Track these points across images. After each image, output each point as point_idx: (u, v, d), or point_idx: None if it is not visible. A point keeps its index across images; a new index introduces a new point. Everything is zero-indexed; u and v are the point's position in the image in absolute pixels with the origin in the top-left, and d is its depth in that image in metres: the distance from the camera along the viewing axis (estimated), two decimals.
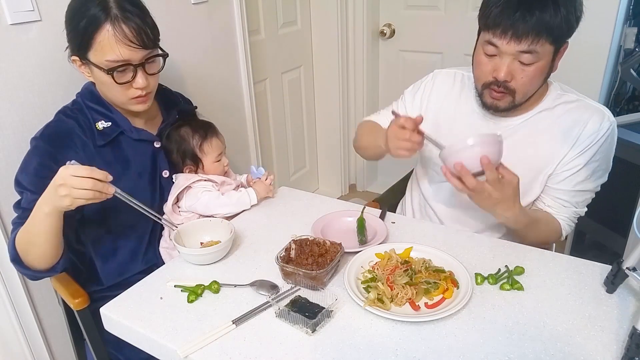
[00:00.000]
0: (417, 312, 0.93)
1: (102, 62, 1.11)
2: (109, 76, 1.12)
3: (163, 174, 1.32)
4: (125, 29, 1.08)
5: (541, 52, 1.06)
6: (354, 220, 1.25)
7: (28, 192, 1.14)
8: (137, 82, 1.15)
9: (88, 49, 1.11)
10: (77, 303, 1.17)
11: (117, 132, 1.23)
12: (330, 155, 3.09)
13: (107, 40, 1.08)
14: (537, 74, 1.10)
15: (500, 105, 1.17)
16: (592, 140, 1.16)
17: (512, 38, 1.05)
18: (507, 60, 1.09)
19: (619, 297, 0.95)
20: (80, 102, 1.24)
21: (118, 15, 1.08)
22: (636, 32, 2.19)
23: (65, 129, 1.19)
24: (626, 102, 2.41)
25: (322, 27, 2.74)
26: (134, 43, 1.10)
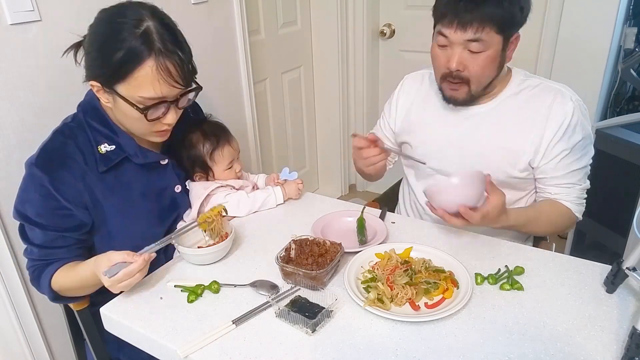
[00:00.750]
0: (417, 312, 0.93)
1: (134, 97, 1.01)
2: (141, 114, 1.03)
3: (175, 189, 1.25)
4: (169, 65, 0.99)
5: (488, 41, 1.10)
6: (354, 220, 1.25)
7: (37, 228, 1.07)
8: (167, 119, 1.08)
9: (119, 82, 1.01)
10: (77, 303, 1.17)
11: (121, 157, 1.13)
12: (330, 155, 3.09)
13: (146, 77, 0.98)
14: (488, 62, 1.14)
15: (458, 96, 1.20)
16: (564, 124, 1.18)
17: (458, 27, 1.09)
18: (457, 49, 1.13)
19: (619, 297, 0.95)
20: (82, 120, 1.12)
21: (161, 49, 0.98)
22: (636, 32, 2.19)
23: (63, 153, 1.08)
24: (626, 102, 2.41)
25: (322, 27, 2.74)
26: (176, 82, 1.02)
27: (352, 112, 3.00)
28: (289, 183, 1.38)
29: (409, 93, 1.41)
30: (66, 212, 1.08)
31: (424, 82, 1.39)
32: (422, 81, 1.40)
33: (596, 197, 1.28)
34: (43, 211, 1.07)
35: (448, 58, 1.15)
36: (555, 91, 1.21)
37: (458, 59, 1.13)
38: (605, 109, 2.33)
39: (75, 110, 1.18)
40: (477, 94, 1.20)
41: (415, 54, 2.74)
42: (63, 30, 1.37)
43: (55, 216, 1.07)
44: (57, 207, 1.07)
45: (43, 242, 1.08)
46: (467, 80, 1.16)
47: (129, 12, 1.00)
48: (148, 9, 1.03)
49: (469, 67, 1.14)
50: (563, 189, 1.25)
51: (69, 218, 1.08)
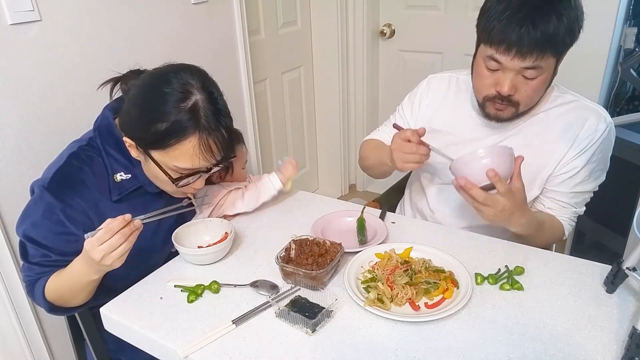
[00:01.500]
0: (417, 312, 0.93)
1: (168, 165, 1.00)
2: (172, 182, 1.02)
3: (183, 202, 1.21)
4: (211, 143, 0.98)
5: (545, 67, 1.05)
6: (354, 220, 1.25)
7: (41, 248, 1.04)
8: (196, 184, 1.07)
9: (155, 148, 0.99)
10: None
11: (136, 186, 1.11)
12: (330, 155, 3.09)
13: (187, 152, 0.97)
14: (540, 86, 1.10)
15: (503, 116, 1.16)
16: (589, 142, 1.16)
17: (517, 55, 1.02)
18: (510, 75, 1.07)
19: (619, 297, 0.95)
20: (99, 146, 1.08)
21: (206, 127, 0.97)
22: (636, 32, 2.19)
23: (76, 180, 1.05)
24: (626, 102, 2.41)
25: (322, 27, 2.75)
26: (214, 158, 1.01)
27: (352, 112, 3.00)
28: (284, 164, 1.35)
29: (436, 96, 1.35)
30: (73, 238, 1.05)
31: (451, 87, 1.33)
32: (448, 86, 1.34)
33: (596, 197, 1.28)
34: (50, 235, 1.04)
35: (498, 81, 1.09)
36: (591, 110, 1.18)
37: (510, 84, 1.07)
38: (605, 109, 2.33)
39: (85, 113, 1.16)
40: (522, 112, 1.16)
41: (415, 54, 2.74)
42: (63, 30, 1.37)
43: (61, 241, 1.05)
44: (64, 233, 1.04)
45: (44, 262, 1.06)
46: (516, 103, 1.11)
47: (177, 81, 0.97)
48: (197, 79, 0.99)
49: (520, 91, 1.09)
50: (559, 206, 1.24)
51: (74, 243, 1.04)
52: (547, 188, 1.23)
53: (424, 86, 1.39)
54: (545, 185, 1.23)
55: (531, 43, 1.00)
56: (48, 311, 1.09)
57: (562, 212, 1.24)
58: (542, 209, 1.26)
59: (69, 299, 1.07)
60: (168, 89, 0.96)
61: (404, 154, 1.12)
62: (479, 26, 1.11)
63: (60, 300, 1.06)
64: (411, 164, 1.14)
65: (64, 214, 1.03)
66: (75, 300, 1.07)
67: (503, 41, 1.02)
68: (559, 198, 1.23)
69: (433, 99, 1.36)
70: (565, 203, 1.23)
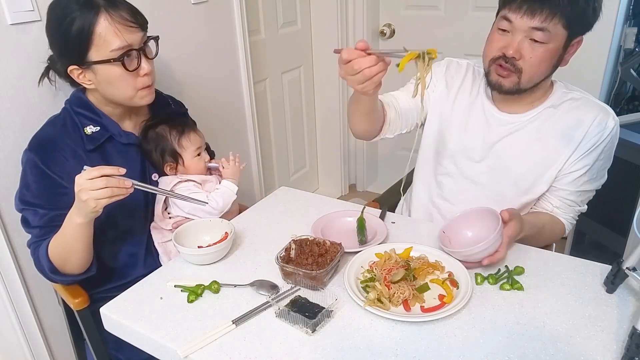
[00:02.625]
0: (417, 312, 0.93)
1: (107, 55, 1.10)
2: (119, 65, 1.11)
3: (152, 177, 1.32)
4: (121, 12, 1.09)
5: (553, 33, 1.06)
6: (354, 220, 1.25)
7: (37, 208, 1.14)
8: (143, 68, 1.15)
9: (88, 50, 1.10)
10: (77, 303, 1.17)
11: (106, 137, 1.22)
12: (330, 155, 3.09)
13: (107, 30, 1.08)
14: (546, 57, 1.10)
15: (504, 84, 1.15)
16: (597, 140, 1.17)
17: (527, 12, 1.05)
18: (518, 37, 1.09)
19: (619, 297, 0.95)
20: (68, 109, 1.22)
21: (106, 4, 1.08)
22: (636, 32, 2.19)
23: (52, 137, 1.18)
24: (626, 102, 2.41)
25: (322, 27, 2.74)
26: (133, 24, 1.10)
27: None
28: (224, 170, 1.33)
29: (453, 79, 1.33)
30: (62, 191, 1.15)
31: (467, 75, 1.32)
32: (465, 74, 1.33)
33: (596, 197, 1.28)
34: (40, 192, 1.14)
35: (507, 43, 1.11)
36: (599, 108, 1.18)
37: (517, 46, 1.09)
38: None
39: None
40: (525, 87, 1.14)
41: None
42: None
43: (52, 195, 1.14)
44: (52, 186, 1.14)
45: (43, 222, 1.14)
46: (519, 70, 1.11)
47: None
48: None
49: (525, 57, 1.10)
50: (566, 204, 1.24)
51: (64, 196, 1.13)
52: (556, 187, 1.23)
53: (443, 67, 1.37)
54: (554, 184, 1.23)
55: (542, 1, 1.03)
56: (50, 273, 1.15)
57: (567, 211, 1.25)
58: (548, 208, 1.26)
59: (65, 256, 1.13)
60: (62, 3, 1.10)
61: (351, 77, 0.98)
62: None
63: (60, 259, 1.13)
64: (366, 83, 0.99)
65: (47, 167, 1.14)
66: (72, 257, 1.13)
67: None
68: (567, 196, 1.23)
69: (450, 82, 1.34)
70: (572, 201, 1.24)
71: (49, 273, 1.15)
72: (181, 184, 1.29)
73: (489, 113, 1.27)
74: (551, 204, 1.26)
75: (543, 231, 1.22)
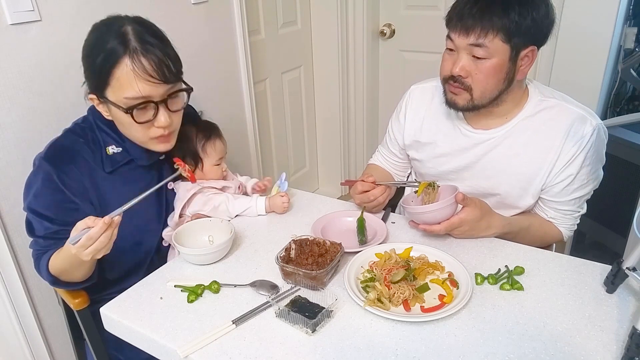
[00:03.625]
0: (417, 312, 0.93)
1: (120, 100, 1.04)
2: (128, 115, 1.05)
3: (168, 186, 1.28)
4: (144, 62, 1.02)
5: (492, 48, 1.08)
6: (354, 220, 1.25)
7: (44, 220, 1.10)
8: (159, 121, 1.08)
9: (106, 87, 1.05)
10: (77, 303, 1.17)
11: (127, 160, 1.17)
12: (330, 155, 3.09)
13: (125, 76, 1.02)
14: (492, 72, 1.11)
15: (458, 101, 1.17)
16: (578, 148, 1.15)
17: (462, 31, 1.10)
18: (462, 55, 1.13)
19: (619, 297, 0.95)
20: (91, 121, 1.17)
21: (137, 48, 1.01)
22: (636, 32, 2.19)
23: (72, 150, 1.13)
24: (626, 102, 2.41)
25: (322, 27, 2.74)
26: (154, 78, 1.03)
27: (352, 112, 2.99)
28: (274, 197, 1.32)
29: (419, 108, 1.36)
30: (73, 206, 1.11)
31: (434, 98, 1.33)
32: (432, 98, 1.34)
33: (596, 197, 1.28)
34: (51, 204, 1.10)
35: (453, 62, 1.14)
36: (575, 115, 1.16)
37: (462, 64, 1.12)
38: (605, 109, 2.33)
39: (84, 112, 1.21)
40: (480, 103, 1.16)
41: (415, 54, 2.74)
42: (63, 30, 1.37)
43: (62, 210, 1.10)
44: (64, 201, 1.10)
45: (47, 234, 1.11)
46: (469, 87, 1.14)
47: (113, 22, 1.06)
48: (131, 18, 1.07)
49: (471, 74, 1.12)
50: (561, 214, 1.24)
51: (75, 212, 1.10)
52: (546, 199, 1.23)
53: (407, 99, 1.40)
54: (544, 196, 1.23)
55: (473, 20, 1.07)
56: (51, 284, 1.14)
57: (564, 220, 1.25)
58: (544, 218, 1.26)
59: (69, 274, 1.11)
60: (105, 28, 1.06)
61: (367, 203, 1.25)
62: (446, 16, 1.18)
63: (63, 275, 1.11)
64: (377, 207, 1.27)
65: (61, 180, 1.09)
66: (76, 274, 1.11)
67: (452, 19, 1.13)
68: (561, 207, 1.23)
69: (417, 110, 1.36)
70: (568, 210, 1.24)
71: (50, 284, 1.13)
72: (203, 190, 1.28)
73: (463, 134, 1.26)
74: (546, 214, 1.26)
75: (530, 231, 1.22)
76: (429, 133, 1.33)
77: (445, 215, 1.10)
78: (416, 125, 1.36)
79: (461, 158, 1.27)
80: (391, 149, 1.46)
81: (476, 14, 1.06)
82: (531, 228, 1.23)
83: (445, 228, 1.11)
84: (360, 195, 1.25)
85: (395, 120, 1.42)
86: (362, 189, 1.24)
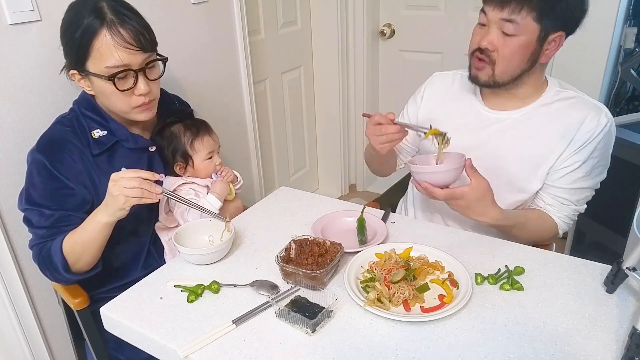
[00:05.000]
0: (417, 312, 0.93)
1: (101, 70, 1.09)
2: (110, 83, 1.10)
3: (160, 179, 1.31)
4: (122, 32, 1.07)
5: (522, 25, 1.10)
6: (354, 220, 1.25)
7: (43, 209, 1.14)
8: (139, 88, 1.13)
9: (86, 59, 1.09)
10: (77, 303, 1.18)
11: (113, 142, 1.21)
12: (330, 155, 3.09)
13: (105, 46, 1.07)
14: (518, 50, 1.13)
15: (480, 76, 1.20)
16: (589, 137, 1.17)
17: (497, 4, 1.11)
18: (492, 29, 1.14)
19: (619, 297, 0.95)
20: (76, 110, 1.22)
21: (114, 20, 1.07)
22: (636, 32, 2.19)
23: (60, 137, 1.18)
24: (626, 102, 2.41)
25: (322, 27, 2.74)
26: (132, 45, 1.09)
27: (352, 112, 3.00)
28: (215, 183, 1.33)
29: (439, 90, 1.39)
30: (69, 192, 1.15)
31: (455, 83, 1.37)
32: (452, 82, 1.37)
33: (596, 197, 1.28)
34: (47, 193, 1.14)
35: (483, 36, 1.15)
36: (592, 106, 1.19)
37: (490, 37, 1.14)
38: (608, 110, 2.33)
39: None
40: (501, 80, 1.18)
41: (415, 54, 2.74)
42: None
43: (59, 196, 1.14)
44: (59, 187, 1.15)
45: (48, 223, 1.14)
46: (493, 61, 1.16)
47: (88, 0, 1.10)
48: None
49: (498, 49, 1.14)
50: (559, 202, 1.24)
51: (71, 197, 1.15)
52: (547, 184, 1.24)
53: (427, 83, 1.43)
54: (547, 181, 1.23)
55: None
56: (62, 269, 1.14)
57: (561, 209, 1.25)
58: (541, 205, 1.26)
59: (81, 253, 1.13)
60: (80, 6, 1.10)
61: (376, 136, 1.21)
62: None
63: (74, 257, 1.13)
64: (385, 144, 1.21)
65: (55, 168, 1.14)
66: (86, 255, 1.14)
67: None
68: (559, 194, 1.23)
69: (436, 92, 1.39)
70: (566, 200, 1.23)
71: (60, 270, 1.13)
72: (185, 186, 1.30)
73: (479, 113, 1.28)
74: (543, 201, 1.26)
75: (527, 225, 1.22)
76: (445, 111, 1.35)
77: (449, 179, 1.11)
78: (433, 105, 1.38)
79: (474, 136, 1.28)
80: None
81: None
82: (527, 223, 1.23)
83: (445, 195, 1.11)
84: (373, 127, 1.21)
85: (412, 101, 1.45)
86: (379, 121, 1.20)
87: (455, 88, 1.36)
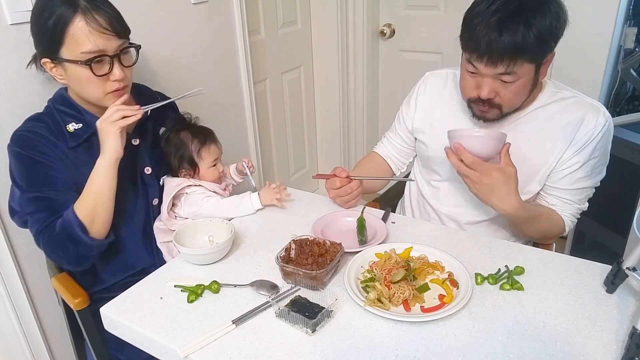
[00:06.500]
0: (417, 312, 0.93)
1: (77, 56, 1.10)
2: (87, 68, 1.10)
3: (145, 171, 1.32)
4: (98, 18, 1.08)
5: (520, 72, 1.07)
6: (354, 220, 1.25)
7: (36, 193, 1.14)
8: (115, 74, 1.14)
9: (60, 46, 1.10)
10: (77, 303, 1.18)
11: (89, 134, 1.21)
12: (330, 155, 3.09)
13: (80, 32, 1.08)
14: (521, 89, 1.11)
15: (488, 116, 1.18)
16: (589, 138, 1.17)
17: (488, 62, 1.05)
18: (488, 80, 1.10)
19: (619, 297, 0.95)
20: (50, 107, 1.23)
21: (87, 6, 1.08)
22: (636, 32, 2.19)
23: (34, 132, 1.18)
24: (626, 102, 2.41)
25: (322, 27, 2.74)
26: (108, 31, 1.10)
27: (352, 112, 2.99)
28: (265, 189, 1.33)
29: (433, 92, 1.37)
30: (53, 173, 1.16)
31: (448, 82, 1.35)
32: (446, 81, 1.35)
33: (596, 197, 1.28)
34: (32, 175, 1.15)
35: (478, 85, 1.12)
36: (589, 106, 1.18)
37: (489, 89, 1.10)
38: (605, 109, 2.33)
39: None
40: (509, 112, 1.17)
41: (415, 54, 2.74)
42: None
43: (45, 177, 1.16)
44: (44, 168, 1.16)
45: (46, 204, 1.14)
46: (498, 105, 1.14)
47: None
48: None
49: (500, 95, 1.12)
50: (562, 202, 1.24)
51: (57, 177, 1.17)
52: (549, 185, 1.23)
53: (420, 83, 1.41)
54: (547, 183, 1.23)
55: (499, 51, 1.03)
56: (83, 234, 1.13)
57: (566, 208, 1.25)
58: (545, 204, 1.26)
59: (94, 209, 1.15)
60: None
61: (341, 198, 1.30)
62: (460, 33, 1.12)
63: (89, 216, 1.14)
64: (352, 202, 1.31)
65: (32, 154, 1.15)
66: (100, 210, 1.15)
67: (475, 49, 1.06)
68: (561, 195, 1.23)
69: (430, 96, 1.37)
70: (568, 200, 1.23)
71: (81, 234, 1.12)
72: (192, 188, 1.31)
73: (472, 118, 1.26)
74: (547, 202, 1.26)
75: (539, 220, 1.22)
76: (441, 116, 1.33)
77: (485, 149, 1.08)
78: (428, 109, 1.37)
79: None
80: (399, 132, 1.47)
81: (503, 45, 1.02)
82: (540, 218, 1.23)
83: (473, 162, 1.08)
84: (335, 190, 1.29)
85: (406, 103, 1.44)
86: (340, 185, 1.28)
87: (448, 88, 1.34)
